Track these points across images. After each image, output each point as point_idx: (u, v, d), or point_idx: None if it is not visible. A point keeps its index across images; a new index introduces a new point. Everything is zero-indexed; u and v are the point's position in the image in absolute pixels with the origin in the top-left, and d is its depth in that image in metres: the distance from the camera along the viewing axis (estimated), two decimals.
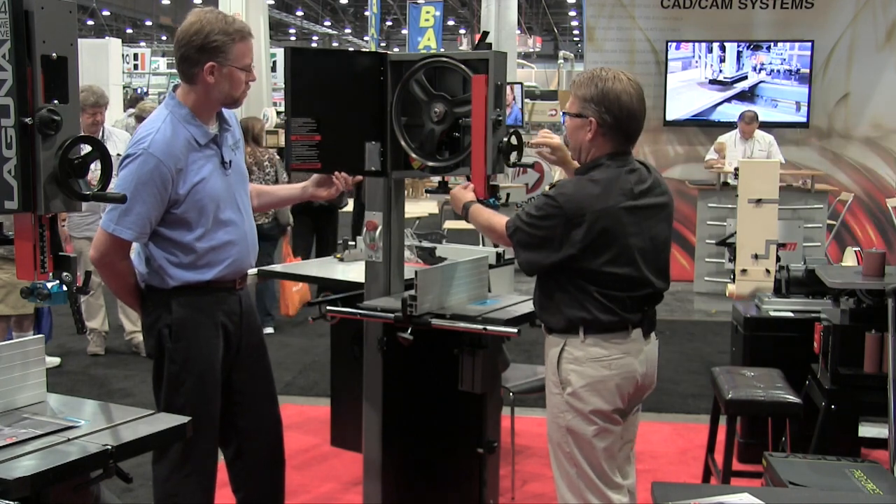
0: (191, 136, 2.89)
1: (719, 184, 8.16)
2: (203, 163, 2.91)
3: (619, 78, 2.79)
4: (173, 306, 2.95)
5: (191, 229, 2.90)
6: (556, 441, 2.89)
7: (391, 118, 3.26)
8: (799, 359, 4.21)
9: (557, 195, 2.76)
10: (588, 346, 2.80)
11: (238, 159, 3.09)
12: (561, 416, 2.85)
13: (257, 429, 3.19)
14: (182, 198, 2.86)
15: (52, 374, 4.30)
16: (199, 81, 2.89)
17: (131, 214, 2.81)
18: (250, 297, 3.24)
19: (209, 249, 2.94)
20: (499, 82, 3.19)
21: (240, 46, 2.88)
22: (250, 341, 3.15)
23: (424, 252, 4.16)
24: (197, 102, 2.92)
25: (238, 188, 3.05)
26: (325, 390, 4.98)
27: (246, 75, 2.93)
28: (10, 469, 2.07)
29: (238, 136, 3.14)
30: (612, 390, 2.82)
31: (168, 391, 3.00)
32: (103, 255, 2.90)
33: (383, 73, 3.26)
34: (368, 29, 18.27)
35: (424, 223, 9.77)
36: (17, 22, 2.18)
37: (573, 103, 2.85)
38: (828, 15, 8.97)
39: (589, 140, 2.82)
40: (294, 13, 37.50)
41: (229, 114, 3.10)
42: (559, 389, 2.85)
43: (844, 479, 2.73)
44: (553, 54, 33.89)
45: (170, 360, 2.98)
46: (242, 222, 3.04)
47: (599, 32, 9.33)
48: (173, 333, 2.96)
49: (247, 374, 3.14)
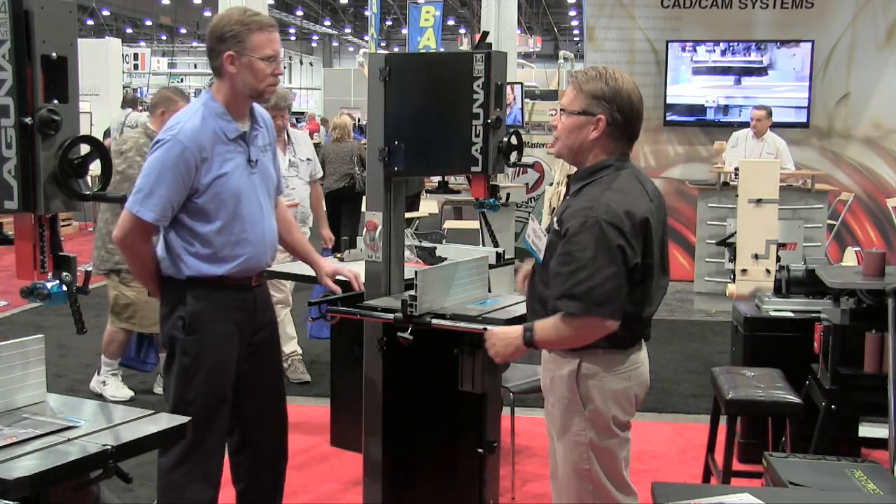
0: (220, 130, 2.96)
1: (719, 184, 8.15)
2: (229, 157, 2.97)
3: (625, 77, 2.66)
4: (188, 299, 3.01)
5: (209, 221, 2.96)
6: (571, 460, 2.70)
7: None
8: (799, 359, 4.21)
9: (607, 221, 2.50)
10: (607, 358, 2.65)
11: (266, 161, 3.13)
12: (581, 434, 2.67)
13: (262, 422, 3.22)
14: (203, 188, 2.93)
15: (51, 374, 4.30)
16: (224, 73, 2.96)
17: (154, 197, 2.88)
18: (267, 293, 3.26)
19: (225, 243, 2.99)
20: (499, 82, 3.20)
21: (258, 36, 2.93)
22: (264, 337, 3.20)
23: (424, 252, 4.16)
24: (227, 97, 2.99)
25: (262, 188, 3.09)
26: (325, 390, 4.97)
27: (270, 67, 2.96)
28: (10, 469, 2.07)
29: (270, 140, 3.19)
30: (631, 400, 2.71)
31: (179, 383, 3.03)
32: (126, 235, 2.97)
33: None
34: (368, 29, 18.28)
35: (424, 223, 9.78)
36: (17, 22, 2.18)
37: (575, 99, 2.64)
38: (828, 15, 8.97)
39: (592, 140, 2.63)
40: (294, 13, 37.51)
41: (264, 117, 3.16)
42: (578, 408, 2.67)
43: (844, 479, 2.72)
44: (553, 54, 33.87)
45: (182, 351, 3.02)
46: (262, 221, 3.08)
47: (599, 32, 9.33)
48: (187, 326, 3.01)
49: (257, 367, 3.17)
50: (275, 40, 3.00)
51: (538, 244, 2.74)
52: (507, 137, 3.26)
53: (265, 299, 3.22)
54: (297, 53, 44.89)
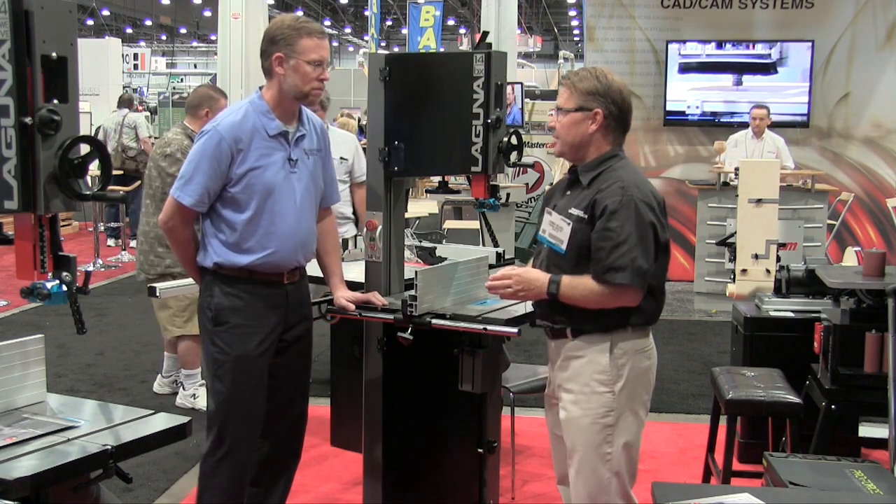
0: (261, 125, 3.07)
1: (719, 184, 8.15)
2: (267, 152, 3.08)
3: (613, 75, 2.85)
4: (216, 291, 3.12)
5: (240, 211, 3.07)
6: (593, 444, 2.80)
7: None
8: (799, 359, 4.21)
9: (640, 199, 2.70)
10: (634, 338, 2.82)
11: (311, 164, 3.20)
12: (610, 414, 2.79)
13: (280, 418, 3.27)
14: (237, 178, 3.04)
15: (51, 374, 4.30)
16: (273, 74, 3.08)
17: (192, 183, 3.04)
18: (303, 293, 3.30)
19: (252, 234, 3.07)
20: (499, 82, 3.20)
21: (306, 41, 3.05)
22: (297, 335, 3.26)
23: (424, 252, 4.15)
24: (274, 97, 3.11)
25: (302, 189, 3.16)
26: (325, 390, 4.97)
27: (316, 71, 3.06)
28: (10, 469, 2.07)
29: (320, 147, 3.25)
30: (651, 380, 2.89)
31: (210, 374, 3.16)
32: (168, 220, 3.12)
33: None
34: (368, 29, 18.28)
35: (424, 223, 9.77)
36: (17, 22, 2.18)
37: (571, 98, 2.82)
38: (828, 15, 8.97)
39: (591, 132, 2.80)
40: (294, 13, 37.51)
41: (314, 122, 3.25)
42: (608, 388, 2.79)
43: (844, 479, 2.72)
44: (553, 54, 33.88)
45: (211, 342, 3.14)
46: (294, 219, 3.13)
47: (599, 32, 9.33)
48: (214, 317, 3.11)
49: (286, 364, 3.24)
50: (323, 46, 3.10)
51: (558, 235, 2.83)
52: (507, 137, 3.26)
53: (300, 299, 3.26)
54: None
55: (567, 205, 2.83)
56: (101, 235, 10.31)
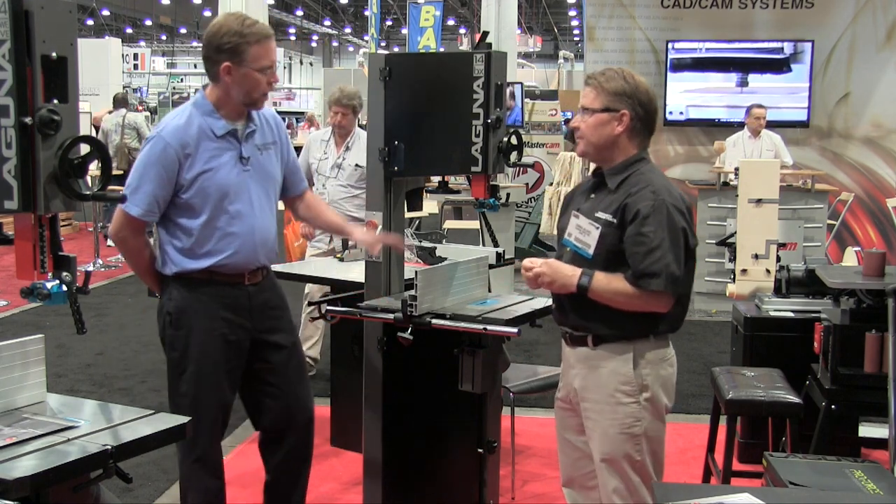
0: (207, 127, 3.01)
1: (719, 184, 8.15)
2: (216, 153, 3.01)
3: (639, 77, 2.81)
4: (174, 293, 3.07)
5: (195, 216, 3.01)
6: (623, 453, 2.77)
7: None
8: (799, 359, 4.20)
9: (672, 204, 2.68)
10: (655, 347, 2.78)
11: (264, 160, 3.13)
12: (637, 424, 2.76)
13: (285, 421, 3.25)
14: (188, 183, 2.97)
15: (51, 374, 4.30)
16: (220, 80, 3.00)
17: (139, 192, 2.97)
18: (271, 295, 3.22)
19: (210, 237, 3.02)
20: (499, 82, 3.20)
21: (255, 49, 2.96)
22: (280, 340, 3.20)
23: (424, 252, 4.16)
24: (219, 99, 3.04)
25: (257, 186, 3.10)
26: (325, 390, 4.97)
27: (266, 76, 3.00)
28: (10, 469, 2.07)
29: (275, 139, 3.19)
30: (673, 387, 2.86)
31: (171, 377, 3.12)
32: (117, 231, 3.07)
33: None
34: (368, 29, 18.27)
35: (424, 223, 9.76)
36: (17, 22, 2.18)
37: (597, 98, 2.76)
38: (828, 15, 8.97)
39: (617, 134, 2.75)
40: (294, 13, 37.49)
41: (266, 116, 3.17)
42: (633, 398, 2.75)
43: (844, 479, 2.72)
44: (553, 54, 33.87)
45: (171, 346, 3.10)
46: (252, 218, 3.08)
47: (599, 32, 9.32)
48: (173, 321, 3.07)
49: (277, 366, 3.20)
50: (272, 50, 3.03)
51: (585, 240, 2.77)
52: (507, 137, 3.26)
53: (267, 300, 3.19)
54: (297, 53, 44.87)
55: (592, 208, 2.79)
56: (101, 235, 10.30)
